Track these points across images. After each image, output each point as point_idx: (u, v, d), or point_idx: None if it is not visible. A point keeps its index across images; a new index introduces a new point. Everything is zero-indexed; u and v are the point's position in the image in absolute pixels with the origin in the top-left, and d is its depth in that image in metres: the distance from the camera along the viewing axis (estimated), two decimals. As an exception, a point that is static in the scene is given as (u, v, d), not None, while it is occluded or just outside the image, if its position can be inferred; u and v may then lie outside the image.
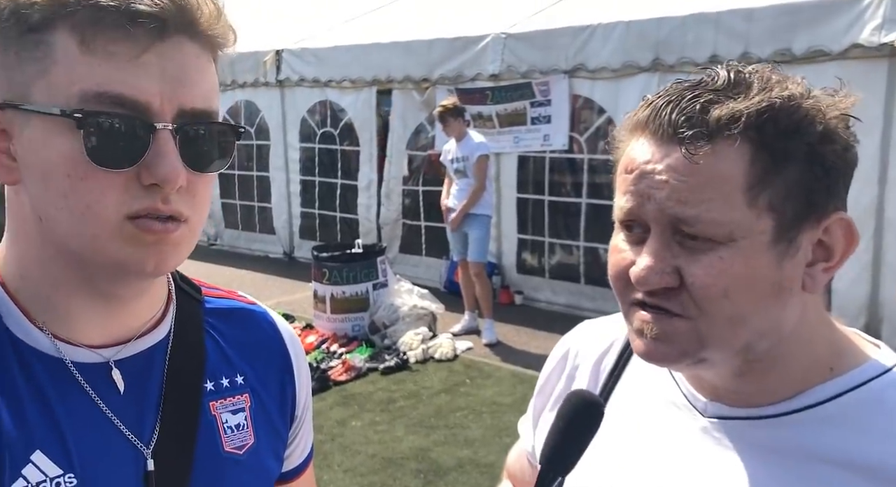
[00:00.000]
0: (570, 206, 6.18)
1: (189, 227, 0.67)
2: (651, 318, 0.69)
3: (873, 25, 4.36)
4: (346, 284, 5.57)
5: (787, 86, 0.67)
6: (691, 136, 0.65)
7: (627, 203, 0.69)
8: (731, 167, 0.65)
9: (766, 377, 0.73)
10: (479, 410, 4.41)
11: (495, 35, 6.05)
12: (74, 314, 0.70)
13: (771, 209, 0.66)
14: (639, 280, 0.68)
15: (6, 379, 0.67)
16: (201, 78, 0.66)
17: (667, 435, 0.78)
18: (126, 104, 0.62)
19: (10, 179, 0.66)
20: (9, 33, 0.63)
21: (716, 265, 0.66)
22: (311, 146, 7.88)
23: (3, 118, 0.64)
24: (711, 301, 0.66)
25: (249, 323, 0.85)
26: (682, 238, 0.67)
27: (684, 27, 5.04)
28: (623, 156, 0.72)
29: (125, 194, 0.63)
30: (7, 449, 0.65)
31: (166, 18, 0.63)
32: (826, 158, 0.66)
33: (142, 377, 0.74)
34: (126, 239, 0.64)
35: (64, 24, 0.62)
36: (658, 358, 0.71)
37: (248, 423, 0.80)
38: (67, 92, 0.62)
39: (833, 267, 0.70)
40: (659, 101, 0.68)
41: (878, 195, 4.53)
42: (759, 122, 0.64)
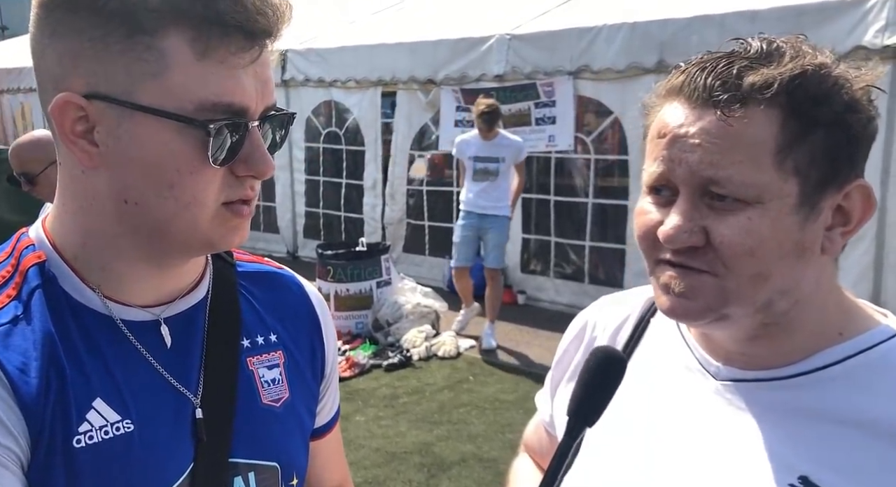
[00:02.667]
0: (576, 206, 6.20)
1: (255, 202, 0.76)
2: (678, 274, 0.72)
3: (877, 27, 4.39)
4: (350, 282, 5.60)
5: (818, 55, 0.70)
6: (726, 100, 0.68)
7: (658, 167, 0.72)
8: (762, 131, 0.68)
9: (778, 340, 0.75)
10: (481, 406, 4.44)
11: (500, 36, 6.09)
12: (129, 279, 0.76)
13: (797, 173, 0.69)
14: (667, 238, 0.71)
15: (65, 334, 0.72)
16: (272, 73, 0.73)
17: (681, 398, 0.81)
18: (235, 110, 0.68)
19: (90, 164, 0.70)
20: (112, 30, 0.65)
21: (744, 225, 0.69)
22: (316, 146, 7.92)
23: (90, 107, 0.67)
24: (737, 259, 0.69)
25: (279, 286, 0.90)
26: (711, 199, 0.70)
27: (689, 29, 5.07)
28: (655, 122, 0.74)
29: (223, 184, 0.71)
30: (72, 395, 0.70)
31: (271, 32, 0.69)
32: (851, 127, 0.69)
33: (186, 333, 0.79)
34: (218, 221, 0.72)
35: (181, 33, 0.66)
36: (682, 313, 0.73)
37: (283, 378, 0.85)
38: (183, 98, 0.66)
39: (850, 232, 0.73)
40: (693, 68, 0.71)
41: (881, 197, 4.55)
42: (791, 88, 0.67)
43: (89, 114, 0.68)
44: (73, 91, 0.67)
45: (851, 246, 4.69)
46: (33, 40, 0.71)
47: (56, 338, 0.71)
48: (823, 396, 0.73)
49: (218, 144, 0.68)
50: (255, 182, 0.73)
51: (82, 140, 0.69)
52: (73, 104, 0.67)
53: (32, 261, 0.74)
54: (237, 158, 0.70)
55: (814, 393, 0.73)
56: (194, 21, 0.66)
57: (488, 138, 5.16)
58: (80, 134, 0.69)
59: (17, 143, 2.65)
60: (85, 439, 0.70)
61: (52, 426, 0.69)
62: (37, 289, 0.72)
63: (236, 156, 0.70)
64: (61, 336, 0.71)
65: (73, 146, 0.69)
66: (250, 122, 0.70)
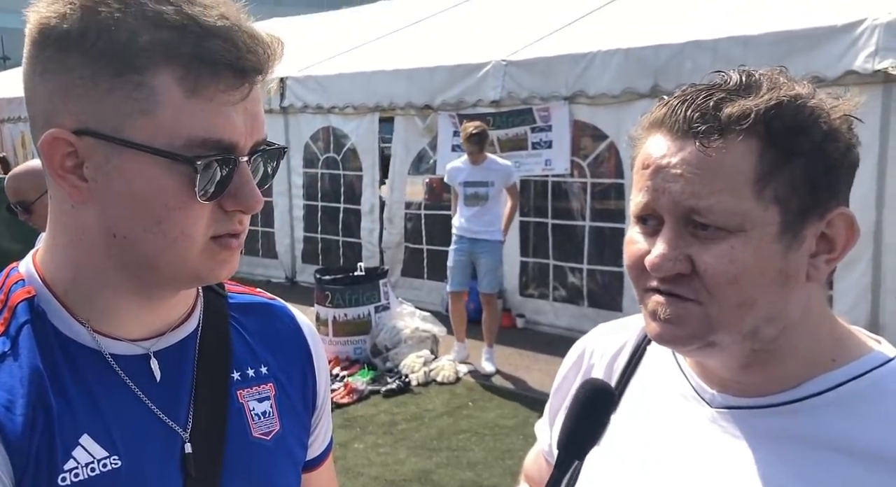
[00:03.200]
0: (573, 229, 6.22)
1: (244, 235, 0.76)
2: (664, 301, 0.73)
3: (867, 53, 4.45)
4: (348, 307, 5.59)
5: (794, 86, 0.72)
6: (704, 131, 0.70)
7: (643, 198, 0.74)
8: (740, 161, 0.70)
9: (771, 367, 0.76)
10: (481, 433, 4.40)
11: (496, 62, 6.16)
12: (119, 312, 0.76)
13: (777, 201, 0.70)
14: (653, 266, 0.72)
15: (53, 370, 0.72)
16: (262, 108, 0.73)
17: (676, 426, 0.82)
18: (224, 146, 0.69)
19: (79, 199, 0.70)
20: (101, 69, 0.66)
21: (727, 253, 0.70)
22: (314, 171, 7.96)
23: (79, 143, 0.68)
24: (721, 287, 0.70)
25: (270, 317, 0.90)
26: (695, 228, 0.71)
27: (682, 54, 5.13)
28: (640, 152, 0.76)
29: (211, 218, 0.71)
30: (58, 433, 0.70)
31: (261, 70, 0.69)
32: (830, 155, 0.71)
33: (175, 366, 0.79)
34: (206, 255, 0.72)
35: (170, 71, 0.66)
36: (670, 339, 0.74)
37: (274, 411, 0.84)
38: (172, 135, 0.67)
39: (835, 259, 0.74)
40: (674, 101, 0.73)
41: (876, 220, 4.57)
42: (767, 119, 0.69)
43: (78, 150, 0.68)
44: (62, 127, 0.68)
45: (848, 270, 4.71)
46: (25, 76, 0.72)
47: (43, 375, 0.70)
48: (817, 423, 0.73)
49: (206, 180, 0.68)
50: (243, 216, 0.73)
51: (72, 175, 0.69)
52: (62, 140, 0.68)
53: (21, 297, 0.74)
54: (226, 193, 0.70)
55: (808, 420, 0.74)
56: (184, 59, 0.66)
57: (477, 162, 5.21)
58: (69, 169, 0.69)
59: (13, 173, 2.67)
60: (70, 476, 0.69)
61: (38, 464, 0.68)
62: (25, 325, 0.72)
63: (225, 190, 0.70)
64: (49, 372, 0.71)
65: (63, 181, 0.70)
66: (240, 158, 0.70)
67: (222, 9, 0.68)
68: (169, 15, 0.66)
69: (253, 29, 0.69)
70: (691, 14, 5.70)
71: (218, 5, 0.68)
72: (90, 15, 0.65)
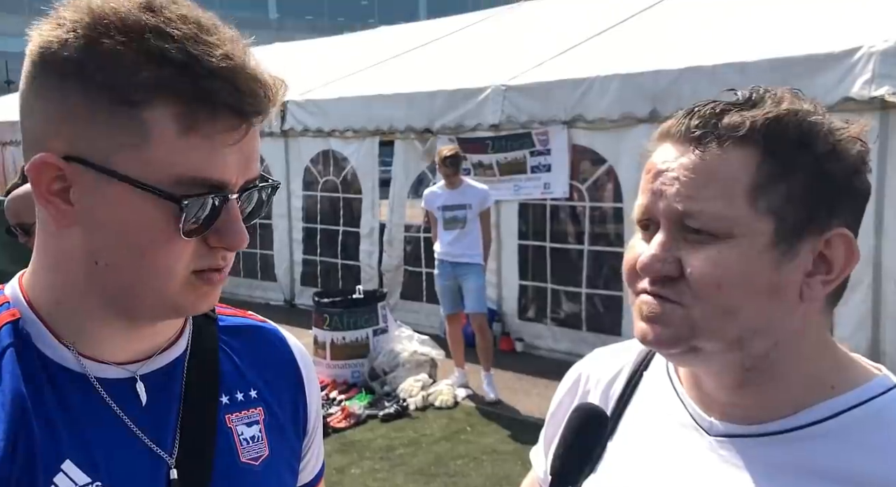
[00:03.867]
0: (572, 253, 6.22)
1: (227, 270, 0.75)
2: (650, 301, 0.74)
3: (864, 79, 4.49)
4: (346, 330, 5.57)
5: (798, 102, 0.73)
6: (701, 136, 0.72)
7: (643, 201, 0.75)
8: (737, 168, 0.71)
9: (766, 391, 0.75)
10: (479, 458, 4.36)
11: (495, 87, 6.21)
12: (104, 336, 0.75)
13: (771, 212, 0.70)
14: (642, 266, 0.73)
15: (36, 393, 0.71)
16: (258, 148, 0.73)
17: (675, 455, 0.80)
18: (214, 185, 0.68)
19: (64, 223, 0.70)
20: (97, 98, 0.66)
21: (713, 257, 0.71)
22: (314, 194, 7.98)
23: (68, 169, 0.67)
24: (705, 291, 0.71)
25: (261, 340, 0.89)
26: (687, 233, 0.72)
27: (681, 80, 5.18)
28: (647, 163, 0.78)
29: (194, 254, 0.71)
30: (40, 458, 0.69)
31: (261, 112, 0.69)
32: (830, 174, 0.71)
33: (162, 390, 0.78)
34: (188, 288, 0.71)
35: (167, 107, 0.65)
36: (652, 340, 0.75)
37: (263, 436, 0.83)
38: (162, 171, 0.66)
39: (832, 281, 0.73)
40: (682, 113, 0.75)
41: (875, 246, 4.58)
42: (766, 130, 0.70)
43: (66, 175, 0.68)
44: (53, 151, 0.67)
45: (847, 296, 4.63)
46: (22, 97, 0.71)
47: (27, 399, 0.69)
48: (816, 452, 0.72)
49: (191, 218, 0.68)
50: (227, 252, 0.72)
51: (57, 199, 0.69)
52: (51, 165, 0.68)
53: (6, 320, 0.73)
54: (211, 230, 0.70)
55: (807, 448, 0.73)
56: (182, 98, 0.65)
57: (453, 186, 5.29)
58: (55, 192, 0.69)
59: (14, 195, 2.67)
60: None
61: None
62: (8, 348, 0.72)
63: (210, 227, 0.70)
64: (32, 396, 0.70)
65: (48, 204, 0.69)
66: (229, 195, 0.69)
67: (227, 47, 0.67)
68: (171, 52, 0.65)
69: (256, 70, 0.68)
70: (689, 40, 5.76)
71: (223, 44, 0.67)
72: (92, 45, 0.65)
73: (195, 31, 0.66)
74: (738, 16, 5.97)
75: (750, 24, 5.65)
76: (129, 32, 0.65)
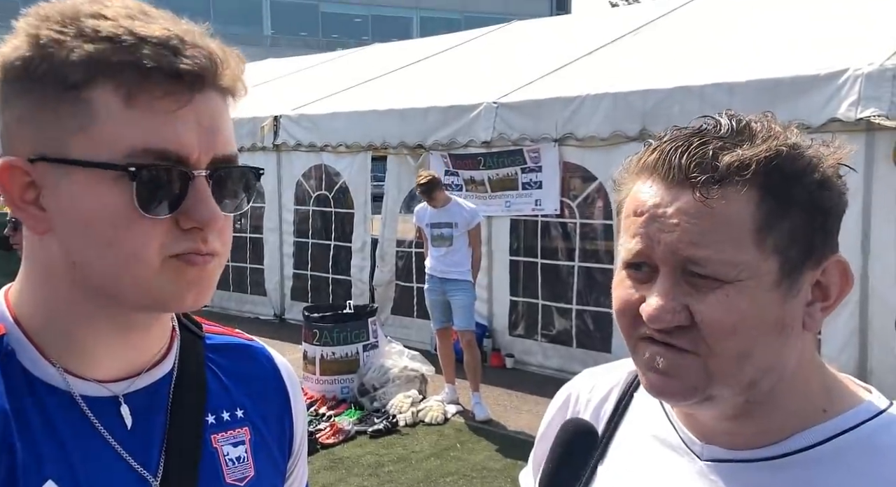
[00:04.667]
0: (563, 270, 6.24)
1: (219, 261, 0.72)
2: (661, 350, 0.71)
3: (850, 101, 4.55)
4: (336, 345, 5.54)
5: (789, 135, 0.72)
6: (704, 181, 0.68)
7: (637, 245, 0.71)
8: (739, 210, 0.68)
9: (762, 419, 0.74)
10: (469, 475, 4.33)
11: (488, 104, 6.26)
12: (91, 350, 0.73)
13: (777, 251, 0.69)
14: (651, 319, 0.70)
15: (19, 410, 0.69)
16: (227, 126, 0.71)
17: (665, 479, 0.80)
18: (170, 157, 0.66)
19: (40, 229, 0.69)
20: (46, 91, 0.66)
21: (723, 302, 0.68)
22: (306, 209, 7.98)
23: (35, 172, 0.67)
24: (720, 338, 0.69)
25: (248, 359, 0.88)
26: (690, 277, 0.69)
27: (670, 99, 5.24)
28: (629, 199, 0.75)
29: (166, 238, 0.68)
30: (21, 478, 0.67)
31: (203, 75, 0.67)
32: (824, 204, 0.71)
33: (148, 410, 0.76)
34: (168, 277, 0.68)
35: (105, 82, 0.65)
36: (668, 393, 0.72)
37: (248, 456, 0.82)
38: (112, 147, 0.65)
39: (830, 307, 0.73)
40: (666, 147, 0.71)
41: (862, 265, 4.62)
42: (767, 169, 0.68)
43: (35, 179, 0.67)
44: (18, 155, 0.67)
45: (835, 315, 4.69)
46: None
47: (9, 417, 0.68)
48: (807, 478, 0.72)
49: (146, 191, 0.66)
50: (206, 234, 0.69)
51: (31, 206, 0.68)
52: (17, 169, 0.67)
53: None
54: (180, 209, 0.68)
55: (799, 475, 0.72)
56: (118, 69, 0.65)
57: (438, 206, 5.35)
58: (28, 200, 0.68)
59: None
60: None
61: None
62: None
63: (179, 207, 0.67)
64: (15, 414, 0.69)
65: (23, 213, 0.69)
66: (193, 171, 0.67)
67: (166, 23, 0.67)
68: (104, 28, 0.65)
69: (198, 38, 0.67)
70: (679, 60, 5.84)
71: (163, 20, 0.67)
72: (34, 41, 0.66)
73: (134, 13, 0.67)
74: (727, 37, 6.06)
75: (738, 46, 5.74)
76: (64, 20, 0.66)
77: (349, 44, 15.52)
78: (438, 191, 5.31)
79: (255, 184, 0.76)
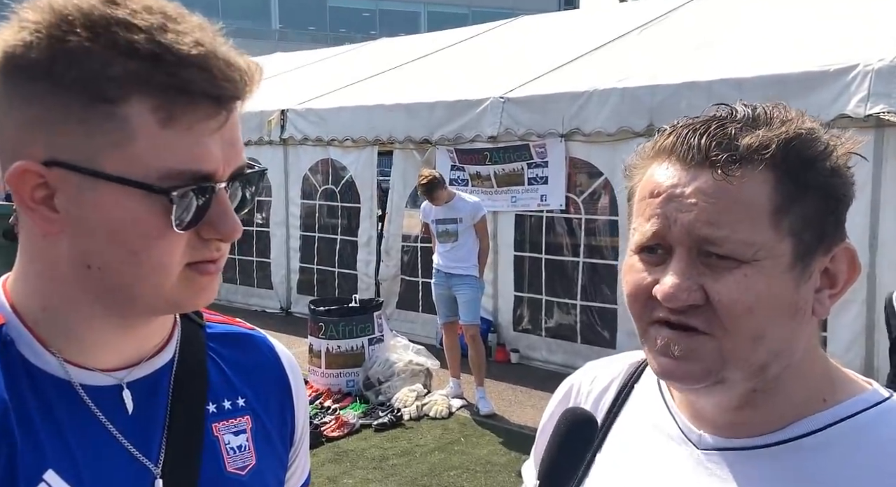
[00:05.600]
0: (568, 265, 6.24)
1: (223, 260, 0.74)
2: (675, 336, 0.71)
3: (859, 97, 4.53)
4: (341, 338, 5.56)
5: (805, 120, 0.72)
6: (724, 160, 0.68)
7: (653, 226, 0.71)
8: (758, 191, 0.69)
9: (764, 407, 0.75)
10: (473, 469, 4.35)
11: (494, 99, 6.24)
12: (93, 342, 0.73)
13: (792, 234, 0.70)
14: (667, 297, 0.69)
15: (18, 400, 0.69)
16: (240, 134, 0.71)
17: (663, 468, 0.80)
18: (201, 176, 0.67)
19: (51, 230, 0.68)
20: (72, 99, 0.64)
21: (741, 282, 0.68)
22: (312, 203, 8.00)
23: (50, 175, 0.66)
24: (737, 317, 0.69)
25: (249, 348, 0.88)
26: (707, 257, 0.69)
27: (678, 94, 5.22)
28: (644, 181, 0.74)
29: (188, 247, 0.70)
30: (21, 468, 0.67)
31: (238, 96, 0.68)
32: (837, 190, 0.71)
33: (149, 398, 0.76)
34: (183, 282, 0.70)
35: (143, 100, 0.64)
36: (681, 377, 0.72)
37: (250, 445, 0.82)
38: (148, 166, 0.65)
39: (838, 294, 0.74)
40: (683, 130, 0.72)
41: (870, 262, 4.60)
42: (786, 151, 0.69)
43: (49, 181, 0.66)
44: (31, 158, 0.65)
45: (843, 311, 4.71)
46: None
47: (9, 406, 0.68)
48: (805, 466, 0.72)
49: (182, 210, 0.67)
50: (221, 243, 0.72)
51: (42, 206, 0.67)
52: (31, 172, 0.66)
53: None
54: (203, 221, 0.69)
55: (796, 462, 0.73)
56: (157, 89, 0.64)
57: (441, 203, 5.36)
58: (39, 200, 0.67)
59: None
60: None
61: None
62: None
63: (202, 219, 0.68)
64: (15, 403, 0.69)
65: (33, 213, 0.67)
66: (217, 185, 0.68)
67: (197, 34, 0.65)
68: (141, 44, 0.63)
69: (229, 54, 0.67)
70: (686, 55, 5.81)
71: (192, 31, 0.66)
72: (58, 44, 0.63)
73: (162, 21, 0.65)
74: (735, 33, 6.03)
75: (747, 42, 5.70)
76: (94, 27, 0.63)
77: (357, 38, 15.53)
78: (439, 190, 5.32)
79: (262, 185, 0.77)
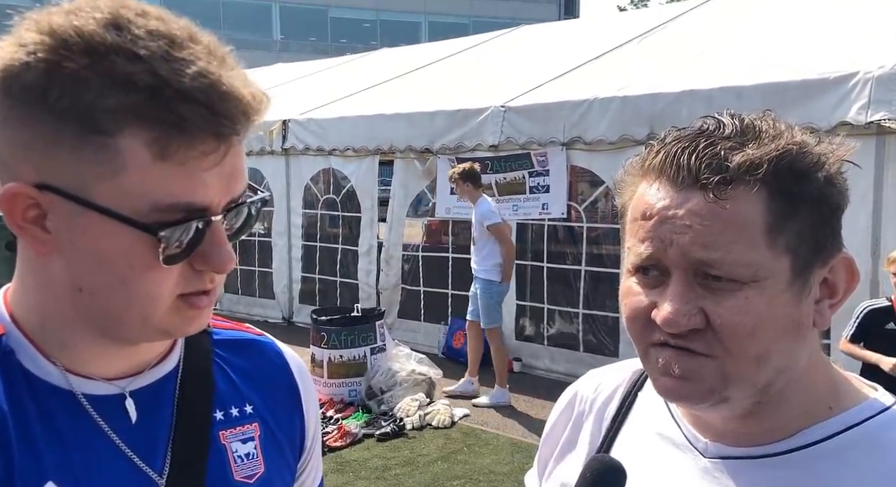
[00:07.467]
0: (569, 274, 6.23)
1: (217, 292, 0.72)
2: (676, 356, 0.70)
3: (860, 105, 4.53)
4: (343, 348, 5.55)
5: (795, 133, 0.71)
6: (716, 182, 0.67)
7: (647, 249, 0.70)
8: (751, 210, 0.68)
9: (770, 417, 0.74)
10: (476, 479, 4.33)
11: (495, 108, 6.26)
12: (91, 355, 0.72)
13: (788, 250, 0.69)
14: (667, 323, 0.69)
15: (18, 412, 0.68)
16: (243, 165, 0.69)
17: (668, 477, 0.80)
18: (195, 210, 0.65)
19: (43, 250, 0.67)
20: (65, 127, 0.62)
21: (742, 305, 0.67)
22: (314, 212, 8.01)
23: (42, 198, 0.64)
24: (739, 340, 0.68)
25: (257, 354, 0.87)
26: (705, 280, 0.68)
27: (678, 103, 5.23)
28: (635, 201, 0.73)
29: (179, 278, 0.68)
30: (19, 480, 0.66)
31: (238, 132, 0.65)
32: (831, 201, 0.70)
33: (153, 407, 0.75)
34: (174, 311, 0.69)
35: (137, 132, 0.62)
36: (684, 396, 0.71)
37: (258, 452, 0.80)
38: (138, 198, 0.63)
39: (837, 304, 0.73)
40: (672, 148, 0.70)
41: (872, 269, 4.59)
42: (777, 168, 0.68)
43: (41, 203, 0.65)
44: (23, 180, 0.64)
45: (846, 318, 4.70)
46: None
47: (8, 416, 0.67)
48: (812, 475, 0.72)
49: (171, 245, 0.65)
50: (215, 275, 0.69)
51: (34, 226, 0.66)
52: (23, 194, 0.64)
53: None
54: (195, 253, 0.66)
55: (803, 471, 0.72)
56: (153, 123, 0.61)
57: (471, 202, 5.55)
58: (31, 220, 0.66)
59: None
60: None
61: None
62: None
63: (194, 251, 0.66)
64: (14, 414, 0.68)
65: (24, 233, 0.66)
66: (212, 217, 0.66)
67: (201, 64, 0.63)
68: (139, 76, 0.61)
69: (233, 86, 0.63)
70: (687, 64, 5.83)
71: (197, 59, 0.63)
72: (54, 69, 0.61)
73: (165, 49, 0.62)
74: (735, 41, 6.05)
75: (747, 50, 5.72)
76: (93, 54, 0.61)
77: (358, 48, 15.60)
78: (460, 185, 5.47)
79: (262, 211, 0.75)
